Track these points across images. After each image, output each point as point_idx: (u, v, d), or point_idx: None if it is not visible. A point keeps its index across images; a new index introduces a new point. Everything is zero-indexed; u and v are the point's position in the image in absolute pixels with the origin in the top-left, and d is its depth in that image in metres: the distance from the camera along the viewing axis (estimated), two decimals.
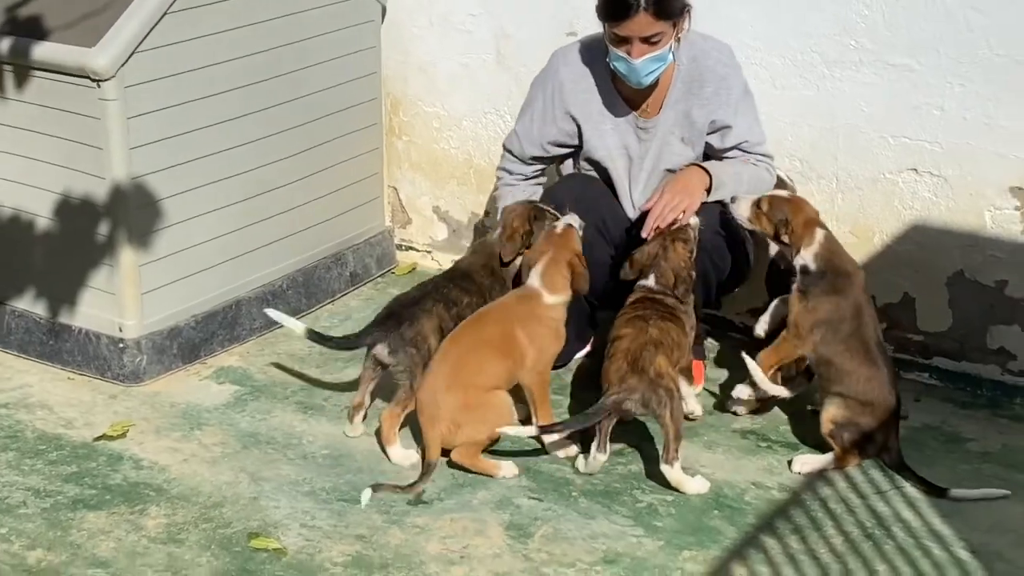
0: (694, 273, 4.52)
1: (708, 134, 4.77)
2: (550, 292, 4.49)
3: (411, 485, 4.23)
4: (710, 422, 4.73)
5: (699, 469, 4.40)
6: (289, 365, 5.15)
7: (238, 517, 4.16)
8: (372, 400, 4.65)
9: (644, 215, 4.62)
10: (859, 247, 4.98)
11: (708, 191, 4.63)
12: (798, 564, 3.92)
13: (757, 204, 4.49)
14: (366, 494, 4.15)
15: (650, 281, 4.50)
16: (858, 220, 5.00)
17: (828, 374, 4.40)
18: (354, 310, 5.63)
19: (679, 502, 4.25)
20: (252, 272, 5.38)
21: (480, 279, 4.73)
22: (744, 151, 4.77)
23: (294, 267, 5.58)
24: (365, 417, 4.64)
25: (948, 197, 4.82)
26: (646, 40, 4.52)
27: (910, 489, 4.29)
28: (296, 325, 4.69)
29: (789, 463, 4.42)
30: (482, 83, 5.71)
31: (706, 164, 4.70)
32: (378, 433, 4.53)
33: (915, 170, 4.85)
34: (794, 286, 4.45)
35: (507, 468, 4.40)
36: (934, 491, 4.27)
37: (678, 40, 4.62)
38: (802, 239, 4.42)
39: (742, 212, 4.55)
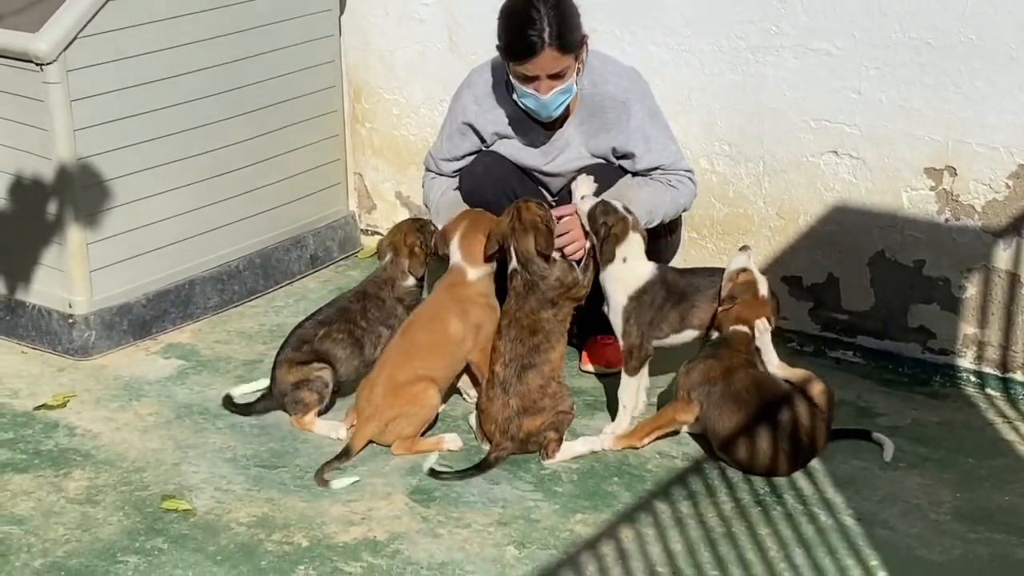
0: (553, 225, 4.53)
1: (617, 159, 4.85)
2: (471, 265, 4.62)
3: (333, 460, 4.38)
4: None
5: None
6: (238, 342, 5.31)
7: (156, 481, 4.33)
8: None
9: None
10: (785, 228, 5.10)
11: None
12: (684, 527, 4.05)
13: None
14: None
15: (515, 262, 4.52)
16: (784, 202, 5.10)
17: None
18: (311, 291, 5.79)
19: (583, 470, 4.38)
20: (207, 252, 5.55)
21: (354, 308, 4.83)
22: (664, 171, 4.81)
23: (251, 248, 5.73)
24: None
25: (867, 179, 4.91)
26: (553, 76, 4.60)
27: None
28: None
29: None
30: (437, 71, 5.85)
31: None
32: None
33: (835, 152, 4.95)
34: None
35: (450, 441, 4.53)
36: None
37: (580, 68, 4.70)
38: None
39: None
